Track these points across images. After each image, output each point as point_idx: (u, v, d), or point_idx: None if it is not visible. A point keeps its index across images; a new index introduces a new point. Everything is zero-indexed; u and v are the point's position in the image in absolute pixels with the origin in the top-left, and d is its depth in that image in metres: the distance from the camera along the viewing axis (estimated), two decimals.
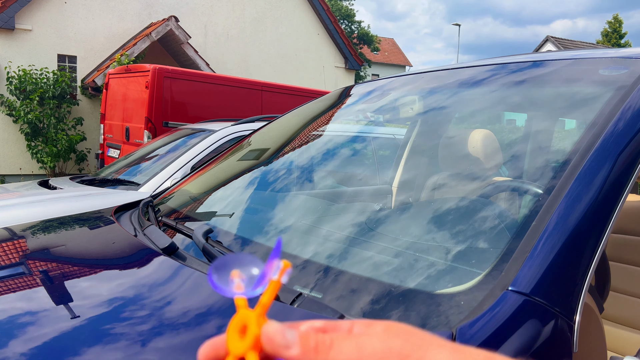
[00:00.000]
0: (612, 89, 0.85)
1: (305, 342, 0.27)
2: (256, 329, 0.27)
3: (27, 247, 1.14)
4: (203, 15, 9.15)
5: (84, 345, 0.69)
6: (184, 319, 0.75)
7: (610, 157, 0.74)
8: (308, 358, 0.26)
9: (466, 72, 1.21)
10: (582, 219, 0.67)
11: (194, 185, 1.44)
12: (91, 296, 0.86)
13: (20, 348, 0.69)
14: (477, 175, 1.04)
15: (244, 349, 0.26)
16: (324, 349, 0.26)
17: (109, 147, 5.53)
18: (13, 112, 7.47)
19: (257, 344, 0.26)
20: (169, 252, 0.95)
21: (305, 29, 10.26)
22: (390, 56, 24.77)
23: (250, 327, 0.27)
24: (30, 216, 1.87)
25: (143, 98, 5.08)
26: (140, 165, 3.09)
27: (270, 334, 0.26)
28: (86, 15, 8.13)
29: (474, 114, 1.11)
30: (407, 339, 0.27)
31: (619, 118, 0.78)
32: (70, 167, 8.09)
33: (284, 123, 1.58)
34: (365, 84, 1.55)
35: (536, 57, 1.16)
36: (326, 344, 0.27)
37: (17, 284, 0.93)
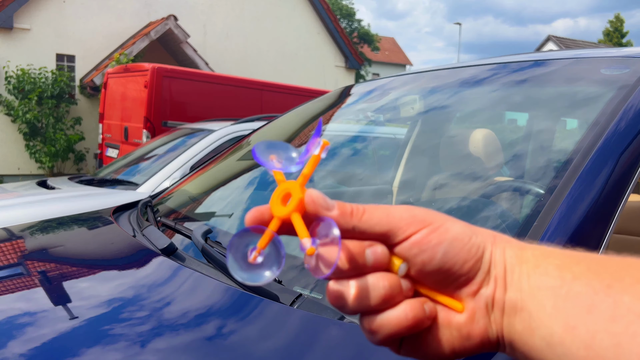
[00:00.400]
0: (614, 89, 0.84)
1: (343, 206, 0.30)
2: (300, 194, 0.30)
3: (26, 248, 1.14)
4: (202, 14, 9.13)
5: (83, 346, 0.69)
6: (182, 320, 0.74)
7: (612, 157, 0.73)
8: (344, 219, 0.30)
9: (467, 71, 1.21)
10: (584, 219, 0.67)
11: (193, 186, 1.43)
12: (90, 297, 0.85)
13: (19, 349, 0.69)
14: (478, 175, 1.04)
15: (288, 211, 0.30)
16: (358, 213, 0.30)
17: (108, 147, 5.52)
18: (11, 112, 7.46)
19: (300, 207, 0.30)
20: (168, 253, 0.95)
21: (305, 28, 10.25)
22: (390, 55, 24.78)
23: (294, 192, 0.30)
24: (29, 216, 1.86)
25: (142, 97, 5.07)
26: (139, 165, 3.08)
27: (314, 197, 0.30)
28: (85, 14, 8.11)
29: (475, 113, 1.11)
30: (428, 212, 0.31)
31: (620, 118, 0.77)
32: (68, 167, 8.08)
33: (284, 123, 1.58)
34: (365, 83, 1.55)
35: (537, 57, 1.16)
36: (360, 209, 0.30)
37: (16, 285, 0.93)
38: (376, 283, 0.29)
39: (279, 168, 0.32)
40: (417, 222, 0.30)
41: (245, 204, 1.26)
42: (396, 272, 0.30)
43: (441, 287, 0.31)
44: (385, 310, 0.30)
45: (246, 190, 1.33)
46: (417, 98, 1.27)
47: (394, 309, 0.30)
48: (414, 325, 0.30)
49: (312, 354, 0.64)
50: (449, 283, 0.30)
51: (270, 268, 0.30)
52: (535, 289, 0.28)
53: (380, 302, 0.29)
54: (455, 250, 0.29)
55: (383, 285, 0.29)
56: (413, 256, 0.30)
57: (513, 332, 0.29)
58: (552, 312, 0.27)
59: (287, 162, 0.32)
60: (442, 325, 0.30)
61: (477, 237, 0.31)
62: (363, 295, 0.29)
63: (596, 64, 0.97)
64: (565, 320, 0.26)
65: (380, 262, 0.30)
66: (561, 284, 0.27)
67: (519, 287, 0.29)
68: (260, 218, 0.31)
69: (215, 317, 0.76)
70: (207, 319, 0.75)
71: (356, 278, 0.30)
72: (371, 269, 0.30)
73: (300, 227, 0.29)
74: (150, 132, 4.93)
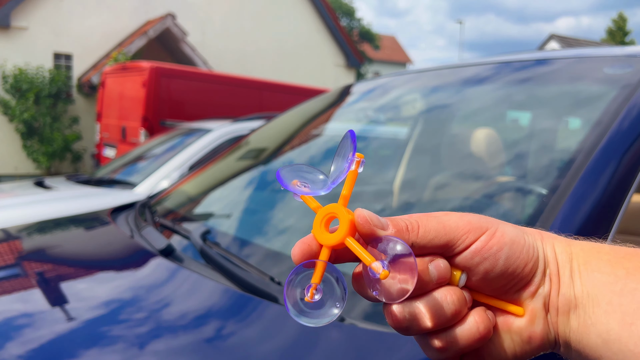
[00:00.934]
0: (617, 88, 0.84)
1: (397, 223, 0.29)
2: (348, 215, 0.28)
3: (23, 249, 1.13)
4: (201, 12, 9.10)
5: (81, 347, 0.68)
6: (181, 321, 0.73)
7: (615, 156, 0.73)
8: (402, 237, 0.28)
9: (469, 70, 1.20)
10: (586, 220, 0.66)
11: (191, 186, 1.42)
12: (87, 298, 0.84)
13: (16, 350, 0.68)
14: (480, 175, 1.03)
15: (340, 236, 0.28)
16: (414, 229, 0.29)
17: (105, 146, 5.50)
18: (8, 111, 7.42)
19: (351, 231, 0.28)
20: (166, 254, 0.94)
21: (305, 26, 10.23)
22: (391, 54, 24.76)
23: (342, 215, 0.28)
24: (26, 217, 1.85)
25: (140, 97, 5.05)
26: (137, 164, 3.07)
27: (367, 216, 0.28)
28: (82, 12, 8.08)
29: (476, 112, 1.10)
30: (480, 217, 0.30)
31: (623, 117, 0.77)
32: (66, 167, 8.05)
33: (283, 122, 1.57)
34: (366, 82, 1.54)
35: (540, 56, 1.15)
36: (414, 224, 0.29)
37: (13, 286, 0.92)
38: (444, 299, 0.28)
39: (308, 192, 0.30)
40: (474, 229, 0.29)
41: (244, 204, 1.25)
42: (456, 284, 0.29)
43: (501, 293, 0.30)
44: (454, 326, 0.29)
45: (245, 191, 1.32)
46: (419, 97, 1.26)
47: (464, 324, 0.28)
48: (486, 337, 0.29)
49: (312, 355, 0.63)
50: (509, 288, 0.29)
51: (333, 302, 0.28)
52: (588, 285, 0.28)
53: (451, 319, 0.28)
54: (515, 253, 0.29)
55: (452, 300, 0.28)
56: (475, 265, 0.29)
57: (568, 331, 0.28)
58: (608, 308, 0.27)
59: (314, 185, 0.30)
60: (503, 332, 0.29)
61: (528, 237, 0.30)
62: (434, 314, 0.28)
63: (599, 62, 0.97)
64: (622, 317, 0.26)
65: (443, 277, 0.28)
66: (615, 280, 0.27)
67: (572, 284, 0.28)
68: (309, 251, 0.29)
69: (214, 318, 0.75)
70: (205, 320, 0.74)
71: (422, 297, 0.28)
72: (435, 285, 0.28)
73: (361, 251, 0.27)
74: (148, 131, 4.91)
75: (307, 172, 0.31)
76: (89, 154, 8.06)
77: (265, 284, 0.78)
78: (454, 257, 0.29)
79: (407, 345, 0.61)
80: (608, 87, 0.87)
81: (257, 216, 1.19)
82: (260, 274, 0.82)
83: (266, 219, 1.15)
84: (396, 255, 0.27)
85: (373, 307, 0.71)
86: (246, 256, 0.94)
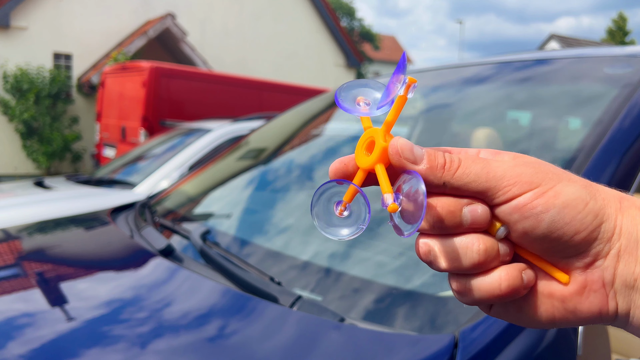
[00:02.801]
0: (618, 87, 0.84)
1: (433, 158, 0.27)
2: (383, 143, 0.27)
3: (23, 249, 1.12)
4: (200, 11, 9.10)
5: (82, 347, 0.68)
6: (180, 321, 0.73)
7: (616, 156, 0.73)
8: (434, 174, 0.26)
9: (469, 70, 1.20)
10: None
11: (191, 186, 1.42)
12: (87, 298, 0.84)
13: (17, 350, 0.68)
14: None
15: (371, 162, 0.27)
16: (451, 167, 0.27)
17: (105, 146, 5.50)
18: (8, 111, 7.42)
19: (384, 157, 0.27)
20: (166, 254, 0.94)
21: (305, 25, 10.22)
22: (391, 54, 24.77)
23: (378, 142, 0.27)
24: (26, 217, 1.85)
25: (140, 96, 5.05)
26: (137, 164, 3.07)
27: (398, 147, 0.27)
28: (82, 12, 8.07)
29: (476, 112, 1.10)
30: (537, 169, 0.27)
31: (624, 116, 0.76)
32: (65, 167, 8.05)
33: (283, 122, 1.57)
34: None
35: (540, 56, 1.15)
36: (454, 162, 0.27)
37: (14, 286, 0.92)
38: (470, 245, 0.26)
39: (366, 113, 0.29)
40: (522, 182, 0.26)
41: (244, 204, 1.25)
42: (494, 235, 0.27)
43: (545, 255, 0.27)
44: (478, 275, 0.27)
45: (245, 191, 1.32)
46: (418, 97, 1.26)
47: (487, 276, 0.27)
48: (508, 296, 0.27)
49: (312, 356, 0.63)
50: (554, 253, 0.27)
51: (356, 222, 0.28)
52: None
53: (473, 267, 0.27)
54: (564, 219, 0.26)
55: (478, 249, 0.26)
56: (514, 222, 0.26)
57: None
58: None
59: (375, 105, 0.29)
60: (542, 295, 0.28)
61: (597, 201, 0.27)
62: (453, 257, 0.27)
63: (599, 62, 0.97)
64: None
65: (478, 223, 0.26)
66: None
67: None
68: (344, 170, 0.28)
69: (214, 318, 0.75)
70: (205, 320, 0.74)
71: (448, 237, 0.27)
72: (467, 229, 0.27)
73: (383, 180, 0.27)
74: (148, 131, 4.91)
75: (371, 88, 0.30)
76: (88, 154, 8.06)
77: (265, 284, 0.77)
78: (494, 207, 0.27)
79: (407, 345, 0.61)
80: (608, 86, 0.87)
81: (257, 216, 1.19)
82: (260, 274, 0.82)
83: (266, 219, 1.15)
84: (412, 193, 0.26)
85: (373, 307, 0.71)
86: (246, 256, 0.93)
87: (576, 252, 0.27)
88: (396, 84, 0.28)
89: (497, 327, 0.60)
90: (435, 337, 0.61)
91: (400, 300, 0.71)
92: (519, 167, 0.27)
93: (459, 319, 0.63)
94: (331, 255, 0.89)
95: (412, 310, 0.68)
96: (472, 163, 0.27)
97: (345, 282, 0.79)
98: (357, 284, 0.77)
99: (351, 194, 0.28)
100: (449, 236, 0.27)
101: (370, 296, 0.74)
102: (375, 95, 0.29)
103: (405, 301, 0.71)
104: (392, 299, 0.71)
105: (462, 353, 0.58)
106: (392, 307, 0.71)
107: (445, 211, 0.26)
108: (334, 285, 0.80)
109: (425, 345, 0.60)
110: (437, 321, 0.65)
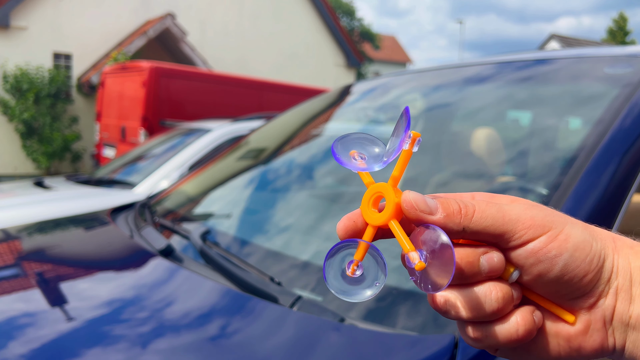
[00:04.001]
0: (618, 87, 0.84)
1: (447, 205, 0.27)
2: (395, 198, 0.27)
3: (23, 249, 1.12)
4: (200, 11, 9.10)
5: (83, 347, 0.68)
6: (180, 321, 0.73)
7: (616, 156, 0.73)
8: (452, 221, 0.26)
9: (469, 70, 1.20)
10: (587, 219, 0.66)
11: (191, 186, 1.42)
12: (87, 298, 0.84)
13: (18, 350, 0.68)
14: (480, 174, 1.03)
15: (384, 219, 0.27)
16: (468, 212, 0.27)
17: (105, 146, 5.49)
18: (8, 111, 7.42)
19: (396, 213, 0.27)
20: (166, 254, 0.94)
21: (304, 25, 10.22)
22: (391, 54, 24.77)
23: (389, 197, 0.27)
24: (26, 217, 1.85)
25: (139, 96, 5.05)
26: (136, 164, 3.06)
27: (412, 201, 0.26)
28: (82, 12, 8.07)
29: (477, 112, 1.10)
30: (546, 212, 0.28)
31: (624, 116, 0.76)
32: (65, 167, 8.05)
33: (283, 122, 1.57)
34: (366, 81, 1.54)
35: (540, 55, 1.15)
36: (469, 207, 0.27)
37: (14, 286, 0.92)
38: (488, 294, 0.26)
39: (364, 168, 0.28)
40: (536, 226, 0.27)
41: (243, 204, 1.25)
42: (507, 279, 0.27)
43: (554, 297, 0.28)
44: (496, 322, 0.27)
45: (245, 190, 1.32)
46: (419, 97, 1.26)
47: (504, 322, 0.27)
48: (524, 339, 0.27)
49: (312, 356, 0.63)
50: (564, 294, 0.28)
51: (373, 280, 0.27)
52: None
53: (492, 315, 0.27)
54: (576, 262, 0.27)
55: (496, 296, 0.27)
56: (529, 265, 0.27)
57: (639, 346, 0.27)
58: None
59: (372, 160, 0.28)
60: (550, 334, 0.28)
61: (597, 243, 0.28)
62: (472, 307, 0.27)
63: (599, 62, 0.97)
64: None
65: (495, 271, 0.27)
66: None
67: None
68: (353, 228, 0.28)
69: (214, 319, 0.75)
70: (205, 320, 0.74)
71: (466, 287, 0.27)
72: (483, 278, 0.27)
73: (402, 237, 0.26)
74: (148, 131, 4.91)
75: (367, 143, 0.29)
76: (88, 154, 8.06)
77: (265, 284, 0.77)
78: (508, 251, 0.27)
79: (407, 345, 0.61)
80: (609, 86, 0.87)
81: (256, 216, 1.19)
82: (260, 274, 0.82)
83: (266, 219, 1.15)
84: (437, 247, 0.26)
85: (373, 307, 0.71)
86: (246, 256, 0.93)
87: (583, 292, 0.27)
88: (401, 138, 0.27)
89: None
90: (435, 337, 0.61)
91: (400, 300, 0.71)
92: (530, 209, 0.27)
93: None
94: None
95: (412, 311, 0.68)
96: (487, 207, 0.27)
97: None
98: None
99: (362, 251, 0.27)
100: (466, 286, 0.27)
101: None
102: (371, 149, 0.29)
103: (405, 301, 0.71)
104: (392, 299, 0.71)
105: (462, 353, 0.58)
106: (392, 307, 0.71)
107: (464, 262, 0.26)
108: None
109: (426, 346, 0.60)
110: (437, 321, 0.65)
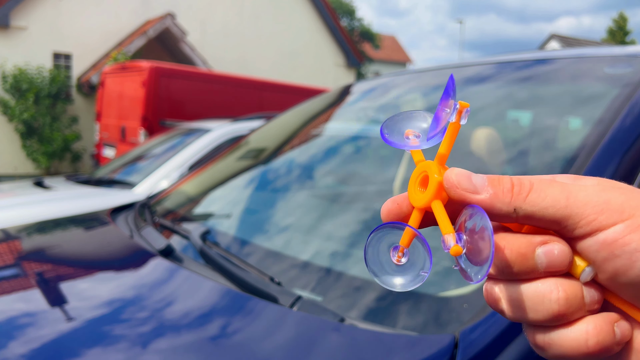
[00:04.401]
0: (618, 87, 0.84)
1: (497, 183, 0.23)
2: (438, 177, 0.24)
3: (23, 249, 1.12)
4: (200, 11, 9.10)
5: (82, 347, 0.68)
6: (180, 321, 0.73)
7: (616, 156, 0.73)
8: (501, 200, 0.22)
9: (469, 69, 1.20)
10: None
11: (191, 186, 1.42)
12: (87, 298, 0.84)
13: (18, 349, 0.68)
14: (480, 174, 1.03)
15: (427, 199, 0.24)
16: (522, 190, 0.22)
17: (105, 146, 5.49)
18: (8, 111, 7.42)
19: (440, 193, 0.24)
20: (166, 254, 0.94)
21: (304, 25, 10.22)
22: (391, 53, 24.77)
23: (432, 176, 0.24)
24: (26, 217, 1.85)
25: (139, 96, 5.05)
26: (136, 164, 3.07)
27: (454, 178, 0.23)
28: (82, 12, 8.07)
29: (477, 112, 1.10)
30: (629, 196, 0.22)
31: (624, 116, 0.76)
32: (65, 167, 8.05)
33: (283, 122, 1.57)
34: (366, 81, 1.54)
35: (540, 55, 1.15)
36: (524, 185, 0.23)
37: (13, 286, 0.92)
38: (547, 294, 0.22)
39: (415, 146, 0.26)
40: (610, 210, 0.21)
41: (243, 204, 1.25)
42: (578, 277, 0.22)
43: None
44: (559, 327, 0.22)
45: (245, 190, 1.32)
46: (419, 96, 1.26)
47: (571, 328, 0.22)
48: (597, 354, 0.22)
49: (312, 356, 0.63)
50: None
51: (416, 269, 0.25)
52: None
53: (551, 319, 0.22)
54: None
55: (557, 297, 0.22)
56: (601, 261, 0.22)
57: None
58: None
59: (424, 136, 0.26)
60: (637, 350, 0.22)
61: None
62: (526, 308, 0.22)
63: (599, 62, 0.97)
64: None
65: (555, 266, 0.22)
66: None
67: None
68: (398, 211, 0.25)
69: (214, 318, 0.75)
70: (205, 320, 0.74)
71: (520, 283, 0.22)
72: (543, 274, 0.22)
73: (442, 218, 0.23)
74: (148, 131, 4.91)
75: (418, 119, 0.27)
76: (88, 154, 8.06)
77: (265, 284, 0.77)
78: (575, 241, 0.22)
79: (407, 346, 0.61)
80: (609, 86, 0.87)
81: (256, 216, 1.19)
82: (260, 274, 0.82)
83: (266, 218, 1.15)
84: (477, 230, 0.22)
85: (373, 307, 0.71)
86: (246, 256, 0.93)
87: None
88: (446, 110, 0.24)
89: (497, 328, 0.59)
90: (435, 337, 0.60)
91: (401, 300, 0.71)
92: (606, 192, 0.22)
93: (459, 319, 0.63)
94: (331, 255, 0.89)
95: (412, 311, 0.68)
96: (548, 185, 0.23)
97: (345, 282, 0.79)
98: (357, 284, 0.77)
99: (409, 237, 0.25)
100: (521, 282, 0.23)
101: (370, 296, 0.74)
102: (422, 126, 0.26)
103: (405, 301, 0.71)
104: (392, 299, 0.71)
105: (463, 353, 0.58)
106: (392, 307, 0.71)
107: (515, 254, 0.22)
108: (334, 285, 0.80)
109: (426, 346, 0.60)
110: (438, 321, 0.65)
